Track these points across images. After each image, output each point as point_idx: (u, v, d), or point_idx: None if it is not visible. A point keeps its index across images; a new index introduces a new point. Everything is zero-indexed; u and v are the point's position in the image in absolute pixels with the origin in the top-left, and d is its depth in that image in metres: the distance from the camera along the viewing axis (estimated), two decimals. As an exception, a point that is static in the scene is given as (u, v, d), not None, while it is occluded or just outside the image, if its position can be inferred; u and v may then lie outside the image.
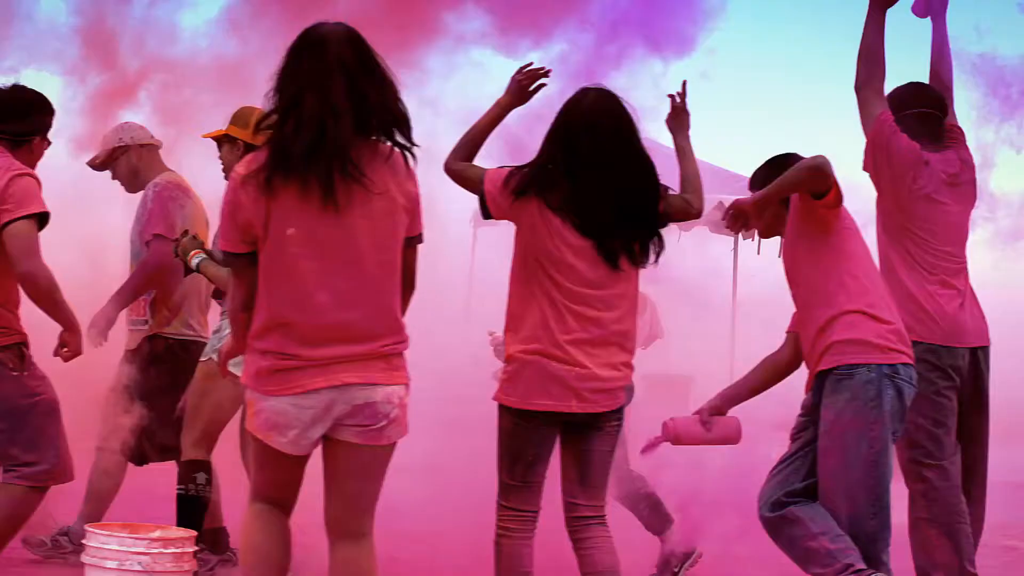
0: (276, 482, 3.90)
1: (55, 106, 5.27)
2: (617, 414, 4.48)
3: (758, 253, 5.71)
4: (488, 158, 4.75)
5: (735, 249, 14.32)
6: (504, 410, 4.43)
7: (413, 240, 3.90)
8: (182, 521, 5.26)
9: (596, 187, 4.37)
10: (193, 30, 7.03)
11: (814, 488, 4.70)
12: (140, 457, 5.87)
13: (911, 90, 5.42)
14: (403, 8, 6.51)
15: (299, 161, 3.66)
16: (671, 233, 4.67)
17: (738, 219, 4.74)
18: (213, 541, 5.64)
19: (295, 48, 3.80)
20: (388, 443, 3.87)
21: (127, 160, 5.95)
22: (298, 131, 3.68)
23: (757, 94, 21.41)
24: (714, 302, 13.83)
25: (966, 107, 5.57)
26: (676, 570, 5.79)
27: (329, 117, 3.67)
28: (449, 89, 6.53)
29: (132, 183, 5.98)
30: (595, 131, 4.39)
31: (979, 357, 5.23)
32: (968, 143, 5.50)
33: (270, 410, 3.76)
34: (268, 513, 3.89)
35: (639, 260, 4.47)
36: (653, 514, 5.80)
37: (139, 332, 5.85)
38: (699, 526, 5.78)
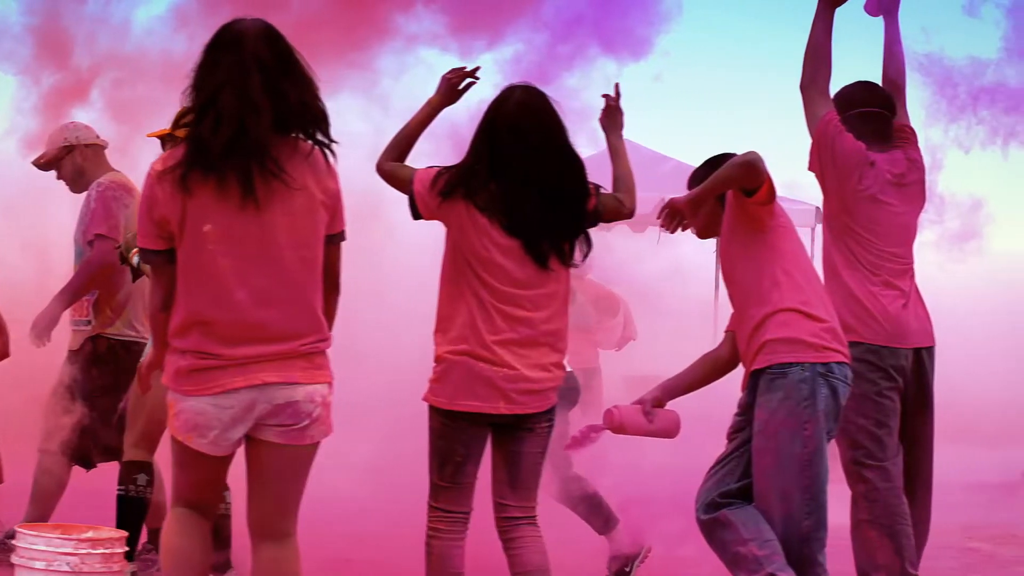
0: (197, 484, 3.87)
1: (9, 106, 5.28)
2: (548, 415, 4.45)
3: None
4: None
5: (717, 250, 14.32)
6: (433, 411, 4.41)
7: (335, 238, 3.88)
8: (122, 522, 5.23)
9: (522, 187, 4.34)
10: (146, 27, 7.02)
11: (749, 489, 4.67)
12: (83, 458, 5.85)
13: (859, 89, 5.38)
14: (355, 8, 6.50)
15: (218, 157, 3.64)
16: (651, 235, 4.65)
17: (672, 217, 4.71)
18: (159, 541, 5.62)
19: (212, 45, 3.78)
20: (311, 443, 3.85)
21: (72, 160, 5.94)
22: (216, 128, 3.65)
23: (711, 94, 21.45)
24: (694, 303, 13.87)
25: (916, 107, 5.56)
26: (628, 569, 5.77)
27: (248, 113, 3.65)
28: (400, 89, 6.53)
29: (77, 183, 5.96)
30: (520, 130, 4.37)
31: (923, 357, 5.20)
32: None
33: (190, 411, 3.73)
34: (188, 517, 3.86)
35: (569, 259, 4.44)
36: (596, 514, 5.79)
37: (82, 332, 5.83)
38: (644, 526, 5.76)
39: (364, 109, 6.26)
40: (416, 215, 4.49)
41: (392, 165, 4.58)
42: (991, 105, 5.66)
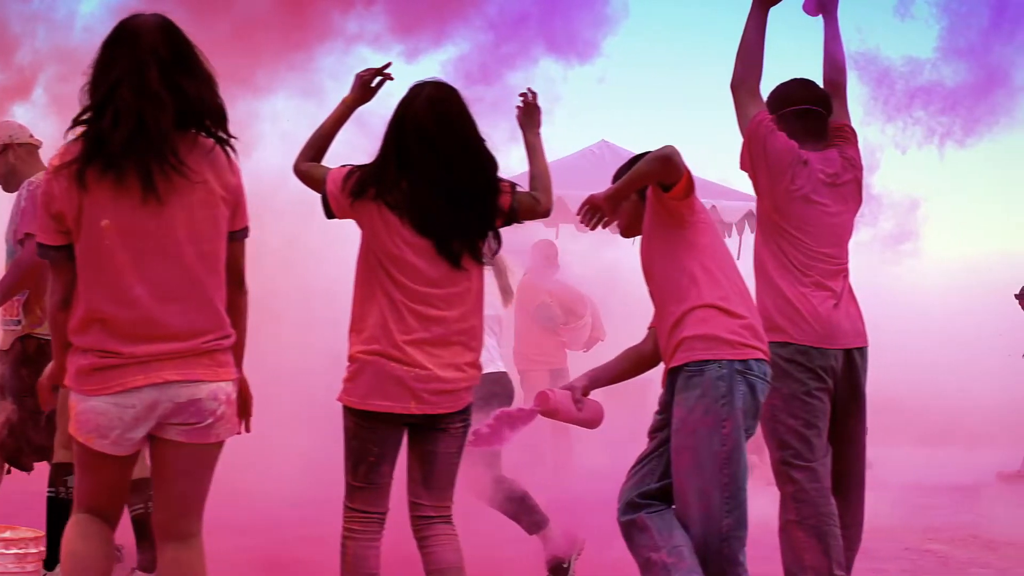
0: (100, 488, 3.83)
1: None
2: (462, 415, 4.43)
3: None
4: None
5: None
6: (346, 411, 4.40)
7: (238, 234, 3.86)
8: (52, 524, 5.20)
9: (430, 186, 4.32)
10: (89, 22, 7.00)
11: (669, 489, 4.65)
12: (15, 458, 5.82)
13: (795, 86, 5.33)
14: (298, 9, 6.49)
15: (117, 153, 3.62)
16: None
17: (592, 214, 4.69)
18: None
19: (109, 40, 3.76)
20: (216, 441, 3.82)
21: (5, 160, 5.92)
22: (115, 123, 3.63)
23: (654, 94, 21.43)
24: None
25: (853, 106, 5.52)
26: (566, 566, 5.76)
27: (147, 108, 3.64)
28: (341, 89, 6.50)
29: (9, 182, 5.95)
30: (427, 129, 4.35)
31: (855, 358, 5.16)
32: (851, 143, 5.45)
33: (91, 411, 3.70)
34: (89, 522, 3.82)
35: (483, 257, 4.42)
36: (527, 514, 5.78)
37: (12, 332, 5.81)
38: (576, 527, 5.75)
39: (304, 109, 6.24)
40: (329, 214, 4.48)
41: (308, 165, 4.57)
42: (927, 105, 5.63)
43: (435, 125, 4.34)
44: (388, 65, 4.68)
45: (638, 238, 4.84)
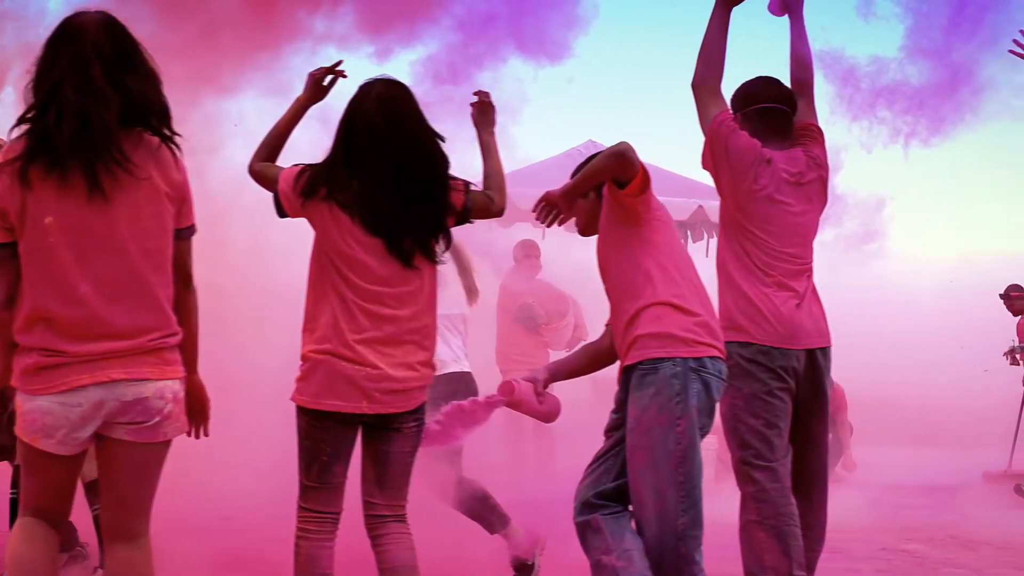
0: (46, 489, 3.82)
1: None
2: (415, 414, 4.41)
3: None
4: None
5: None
6: (299, 410, 4.38)
7: (184, 232, 3.86)
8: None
9: (381, 184, 4.31)
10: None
11: (625, 489, 4.65)
12: None
13: (759, 84, 5.32)
14: (267, 9, 6.49)
15: (62, 150, 3.61)
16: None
17: (548, 210, 4.68)
18: (61, 540, 5.59)
19: (52, 38, 3.75)
20: (164, 440, 3.82)
21: None
22: (60, 121, 3.63)
23: (622, 94, 21.44)
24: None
25: (818, 105, 5.51)
26: (531, 563, 5.76)
27: (91, 106, 3.63)
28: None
29: None
30: (376, 128, 4.34)
31: (817, 358, 5.14)
32: (816, 143, 5.43)
33: (36, 411, 3.69)
34: (34, 526, 3.81)
35: (436, 256, 4.41)
36: (489, 514, 5.77)
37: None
38: (549, 525, 5.75)
39: (273, 109, 6.22)
40: (281, 213, 4.48)
41: (261, 165, 4.57)
42: (892, 104, 5.62)
43: (385, 124, 4.33)
44: (340, 63, 4.68)
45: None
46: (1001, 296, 11.90)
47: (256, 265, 6.62)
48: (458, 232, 6.09)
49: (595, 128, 21.57)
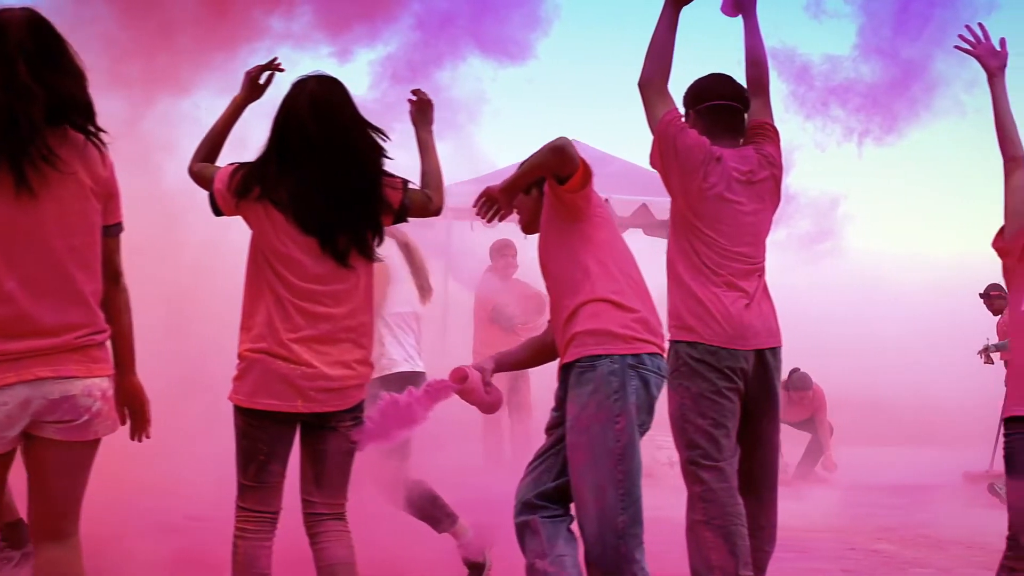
0: None
1: None
2: (352, 413, 4.39)
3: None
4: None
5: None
6: (235, 409, 4.37)
7: (111, 229, 3.84)
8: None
9: (313, 183, 4.30)
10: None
11: (565, 488, 4.64)
12: None
13: (711, 81, 5.27)
14: (225, 9, 6.48)
15: None
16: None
17: (488, 206, 4.67)
18: (13, 536, 5.59)
19: None
20: (93, 438, 3.79)
21: None
22: None
23: (585, 93, 21.44)
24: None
25: (772, 104, 5.48)
26: (482, 562, 5.75)
27: (16, 103, 3.61)
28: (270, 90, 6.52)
29: None
30: (307, 127, 4.32)
31: (767, 358, 5.07)
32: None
33: None
34: None
35: (371, 253, 4.40)
36: (438, 513, 5.75)
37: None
38: (491, 528, 5.74)
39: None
40: (217, 212, 4.47)
41: (200, 166, 4.57)
42: (846, 102, 5.60)
43: (316, 122, 4.31)
44: (276, 60, 4.67)
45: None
46: (981, 295, 11.90)
47: (214, 264, 6.61)
48: (415, 231, 6.12)
49: (559, 127, 21.54)
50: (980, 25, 4.90)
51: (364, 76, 6.47)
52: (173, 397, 6.61)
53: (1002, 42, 4.88)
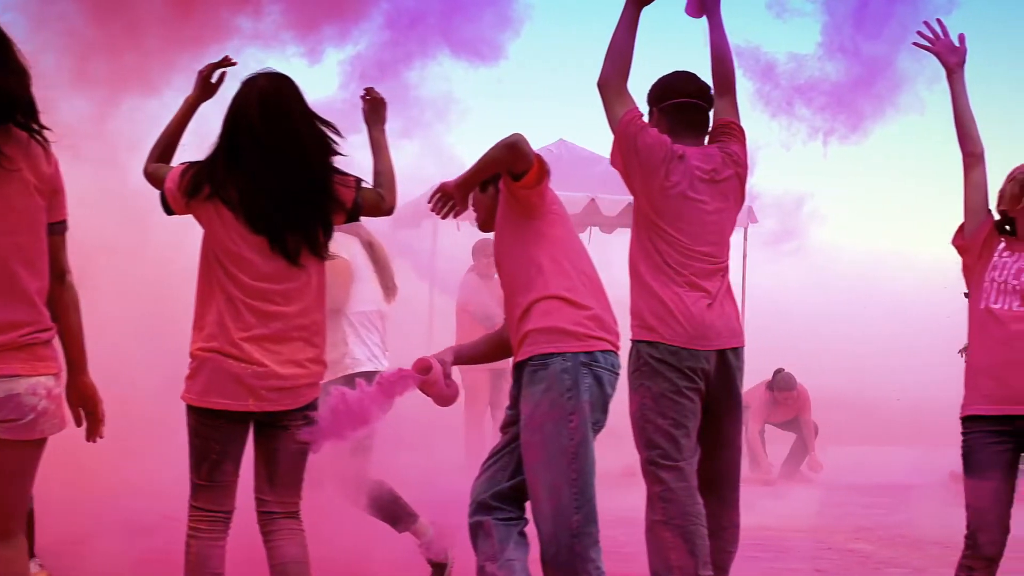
0: None
1: None
2: (304, 412, 4.37)
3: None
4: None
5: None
6: (188, 408, 4.37)
7: (56, 227, 3.83)
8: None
9: (262, 181, 4.29)
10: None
11: (521, 487, 4.64)
12: None
13: (675, 79, 5.23)
14: (192, 9, 6.47)
15: None
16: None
17: (443, 202, 4.66)
18: None
19: None
20: (39, 437, 3.77)
21: None
22: None
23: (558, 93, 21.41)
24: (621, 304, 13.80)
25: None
26: (443, 562, 5.75)
27: None
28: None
29: None
30: (256, 124, 4.31)
31: (729, 359, 5.03)
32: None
33: None
34: None
35: (323, 252, 4.39)
36: (396, 512, 5.74)
37: None
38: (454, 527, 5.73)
39: (208, 110, 6.23)
40: (168, 211, 4.47)
41: (154, 166, 4.57)
42: (811, 101, 5.57)
43: (264, 120, 4.31)
44: (227, 58, 4.67)
45: None
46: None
47: (184, 262, 6.60)
48: (378, 229, 6.11)
49: (534, 127, 21.51)
50: (939, 21, 4.87)
51: (334, 76, 6.46)
52: (150, 396, 6.60)
53: (961, 38, 4.85)
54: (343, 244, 5.92)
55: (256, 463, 4.44)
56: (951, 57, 4.83)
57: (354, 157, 6.06)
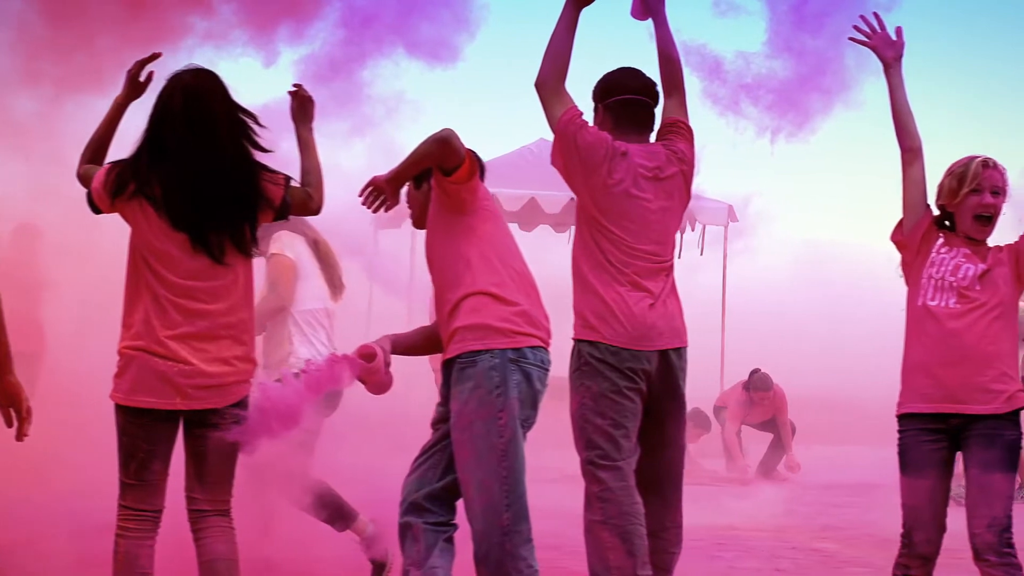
0: None
1: None
2: (233, 410, 4.34)
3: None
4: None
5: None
6: (116, 407, 4.35)
7: None
8: None
9: (185, 177, 4.28)
10: None
11: (453, 487, 4.63)
12: None
13: (620, 75, 5.19)
14: (149, 7, 6.46)
15: None
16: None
17: (374, 195, 4.64)
18: None
19: None
20: None
21: None
22: None
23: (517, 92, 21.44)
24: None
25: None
26: (385, 560, 5.73)
27: None
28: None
29: None
30: (179, 121, 4.30)
31: (671, 359, 4.99)
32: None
33: None
34: None
35: (249, 249, 4.37)
36: (336, 513, 5.72)
37: None
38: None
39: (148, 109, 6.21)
40: (95, 210, 4.46)
41: (85, 168, 4.56)
42: (757, 100, 5.54)
43: (188, 116, 4.30)
44: (155, 55, 4.65)
45: None
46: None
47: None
48: (325, 227, 6.09)
49: (487, 127, 21.52)
50: (876, 15, 4.82)
51: (287, 75, 6.44)
52: (102, 394, 6.60)
53: (898, 31, 4.79)
54: (288, 242, 5.93)
55: (186, 462, 4.42)
56: (888, 51, 4.79)
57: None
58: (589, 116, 5.14)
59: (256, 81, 4.79)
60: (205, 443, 4.36)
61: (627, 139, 5.08)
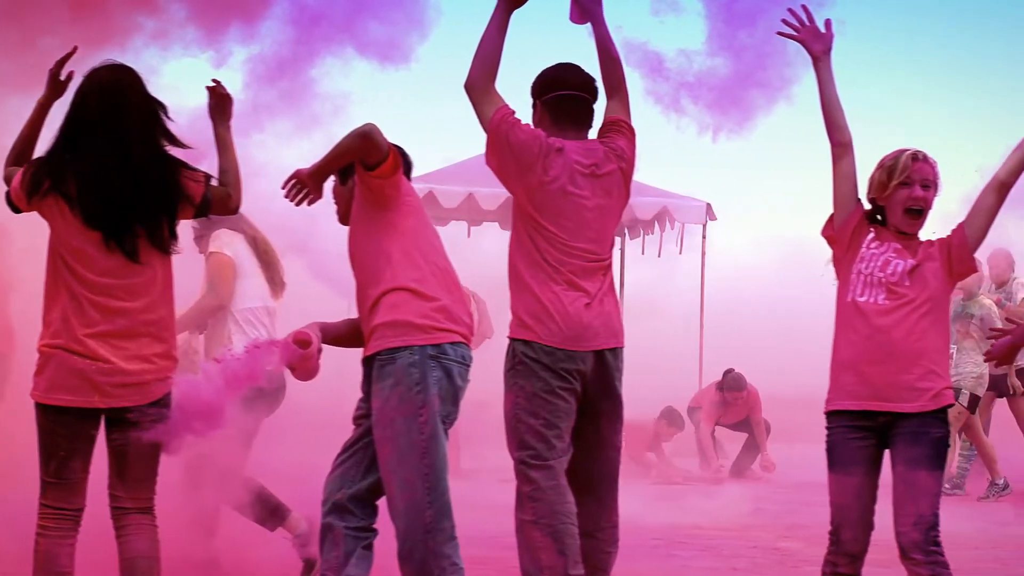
0: None
1: None
2: (153, 407, 4.33)
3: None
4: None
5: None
6: (36, 405, 4.34)
7: None
8: None
9: (98, 173, 4.26)
10: None
11: (376, 486, 4.61)
12: None
13: (559, 71, 5.16)
14: (97, 6, 6.45)
15: None
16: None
17: (297, 188, 4.62)
18: None
19: None
20: None
21: None
22: None
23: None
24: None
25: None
26: (315, 562, 5.72)
27: None
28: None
29: None
30: (94, 118, 4.29)
31: (607, 359, 4.96)
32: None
33: None
34: None
35: (166, 246, 4.36)
36: (267, 511, 5.70)
37: None
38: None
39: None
40: (14, 209, 4.45)
41: (8, 170, 4.55)
42: (699, 98, 5.52)
43: (103, 112, 4.30)
44: (72, 53, 4.65)
45: None
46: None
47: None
48: (267, 226, 6.08)
49: (445, 126, 21.50)
50: (804, 8, 4.77)
51: (238, 75, 6.43)
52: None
53: (827, 24, 4.72)
54: (227, 240, 5.92)
55: (108, 459, 4.42)
56: (816, 44, 4.73)
57: (257, 157, 6.04)
58: (527, 115, 5.13)
59: (206, 81, 4.73)
60: (126, 441, 4.35)
61: (564, 135, 5.04)
